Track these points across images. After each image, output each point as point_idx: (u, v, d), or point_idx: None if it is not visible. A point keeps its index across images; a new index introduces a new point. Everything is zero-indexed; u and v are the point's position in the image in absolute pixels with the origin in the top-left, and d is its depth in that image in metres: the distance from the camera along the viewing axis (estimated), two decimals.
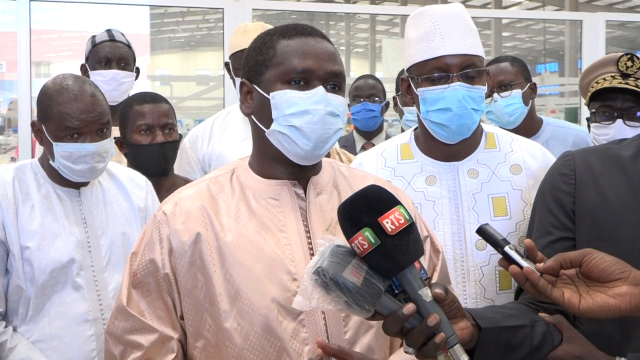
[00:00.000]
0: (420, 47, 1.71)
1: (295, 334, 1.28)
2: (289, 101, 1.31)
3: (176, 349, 1.33)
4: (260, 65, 1.35)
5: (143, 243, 1.37)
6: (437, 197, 1.77)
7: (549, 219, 1.40)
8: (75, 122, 1.94)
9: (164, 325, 1.33)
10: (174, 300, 1.34)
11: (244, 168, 1.41)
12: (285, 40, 1.34)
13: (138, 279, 1.35)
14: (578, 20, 5.12)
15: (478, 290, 1.72)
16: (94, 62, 2.95)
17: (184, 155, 2.81)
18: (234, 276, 1.29)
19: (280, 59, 1.32)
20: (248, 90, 1.38)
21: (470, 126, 1.73)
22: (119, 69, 2.94)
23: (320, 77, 1.32)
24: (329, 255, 1.07)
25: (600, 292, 1.11)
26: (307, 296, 1.07)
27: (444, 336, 1.08)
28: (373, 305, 1.08)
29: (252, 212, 1.34)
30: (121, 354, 1.34)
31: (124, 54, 2.97)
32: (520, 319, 1.26)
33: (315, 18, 19.45)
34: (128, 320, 1.34)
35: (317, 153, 1.34)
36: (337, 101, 1.34)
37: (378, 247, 1.06)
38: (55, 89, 1.97)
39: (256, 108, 1.37)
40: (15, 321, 1.96)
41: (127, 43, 3.01)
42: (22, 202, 1.97)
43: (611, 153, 1.40)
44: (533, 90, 2.86)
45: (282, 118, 1.32)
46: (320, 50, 1.33)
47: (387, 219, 1.06)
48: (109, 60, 2.93)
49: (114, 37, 2.97)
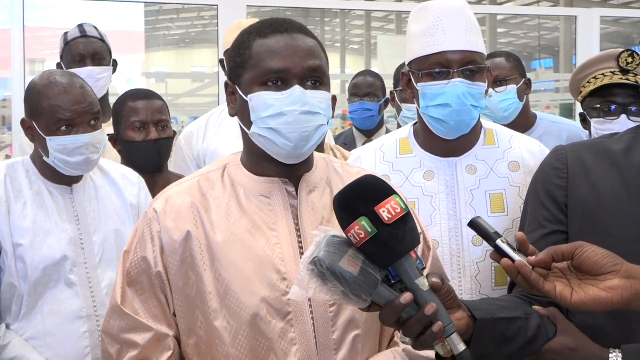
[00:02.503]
0: (422, 42, 1.71)
1: (283, 334, 1.28)
2: (265, 103, 1.30)
3: (172, 346, 1.32)
4: (238, 66, 1.34)
5: (135, 241, 1.36)
6: (435, 192, 1.77)
7: (542, 212, 1.41)
8: (67, 114, 1.94)
9: (159, 324, 1.32)
10: (167, 298, 1.33)
11: (236, 164, 1.40)
12: (261, 39, 1.32)
13: (132, 278, 1.34)
14: (573, 16, 5.13)
15: (474, 286, 1.72)
16: (68, 60, 2.89)
17: (179, 152, 2.81)
18: (224, 275, 1.29)
19: (256, 61, 1.31)
20: (232, 91, 1.38)
21: (469, 122, 1.73)
22: (94, 64, 2.86)
23: (297, 75, 1.29)
24: (325, 246, 1.07)
25: (592, 286, 1.11)
26: (304, 287, 1.07)
27: (442, 325, 1.08)
28: (370, 295, 1.07)
29: (242, 210, 1.33)
30: (118, 353, 1.34)
31: (98, 49, 2.89)
32: (515, 311, 1.26)
33: (310, 15, 19.42)
34: (123, 320, 1.33)
35: (300, 152, 1.32)
36: (317, 98, 1.31)
37: (375, 237, 1.05)
38: (44, 84, 1.97)
39: (239, 109, 1.36)
40: (9, 319, 1.95)
41: (100, 37, 2.93)
42: (15, 199, 1.96)
43: (603, 147, 1.40)
44: (528, 86, 2.86)
45: (259, 121, 1.31)
46: (296, 47, 1.30)
47: (384, 208, 1.06)
48: (83, 57, 2.86)
49: (86, 33, 2.89)
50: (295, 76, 1.30)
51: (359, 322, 1.32)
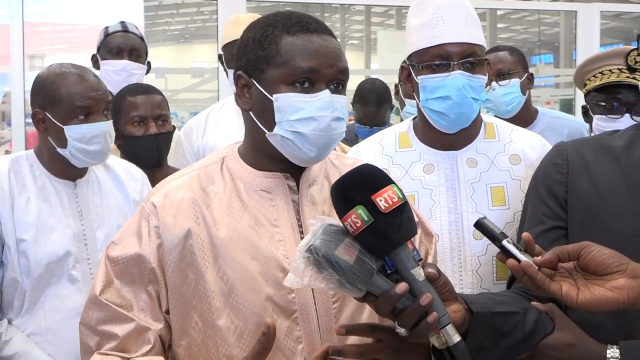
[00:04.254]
0: (422, 35, 1.71)
1: (289, 332, 1.26)
2: (293, 106, 1.25)
3: (153, 340, 1.27)
4: (261, 61, 1.27)
5: (127, 234, 1.32)
6: (435, 185, 1.76)
7: (542, 208, 1.40)
8: (86, 101, 1.95)
9: (144, 316, 1.29)
10: (160, 295, 1.29)
11: (234, 157, 1.36)
12: (290, 37, 1.26)
13: (120, 269, 1.30)
14: (573, 11, 5.12)
15: (475, 279, 1.72)
16: (105, 51, 2.92)
17: (179, 148, 2.81)
18: (228, 273, 1.26)
19: (285, 58, 1.25)
20: (246, 84, 1.31)
21: (470, 115, 1.73)
22: (131, 60, 2.91)
23: (326, 77, 1.26)
24: (321, 234, 1.07)
25: (598, 285, 1.11)
26: (299, 274, 1.07)
27: (437, 316, 1.08)
28: (365, 284, 1.07)
29: (244, 205, 1.31)
30: (97, 344, 1.31)
31: (136, 45, 2.94)
32: (513, 305, 1.26)
33: (310, 10, 19.35)
34: (102, 310, 1.30)
35: (320, 158, 1.30)
36: (341, 103, 1.28)
37: (371, 225, 1.05)
38: (57, 74, 1.98)
39: (256, 106, 1.30)
40: (10, 314, 1.95)
41: (140, 35, 2.98)
42: (18, 194, 1.96)
43: (603, 144, 1.40)
44: (530, 81, 2.88)
45: (286, 123, 1.26)
46: (327, 49, 1.27)
47: (381, 196, 1.06)
48: (121, 50, 2.90)
49: (127, 28, 2.94)
50: (324, 78, 1.26)
51: (362, 317, 1.31)
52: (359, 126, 3.61)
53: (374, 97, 3.56)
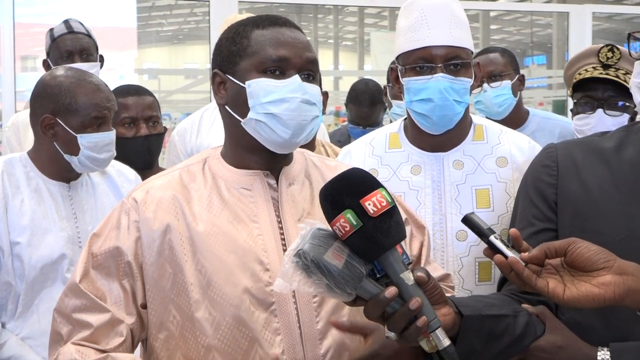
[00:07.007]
0: (407, 37, 1.73)
1: (267, 324, 1.28)
2: (265, 89, 1.31)
3: (125, 333, 1.30)
4: (234, 55, 1.35)
5: (108, 227, 1.35)
6: (421, 186, 1.78)
7: (532, 210, 1.41)
8: (102, 112, 1.97)
9: (117, 309, 1.30)
10: (134, 289, 1.32)
11: (216, 158, 1.41)
12: (259, 30, 1.34)
13: (98, 261, 1.32)
14: (565, 13, 5.14)
15: (457, 280, 1.73)
16: (55, 57, 2.88)
17: (172, 148, 2.80)
18: (206, 266, 1.29)
19: (255, 48, 1.33)
20: (221, 80, 1.37)
21: (453, 117, 1.74)
22: (82, 61, 2.86)
23: (295, 65, 1.33)
24: (310, 238, 1.07)
25: (584, 282, 1.11)
26: (288, 279, 1.07)
27: (426, 320, 1.08)
28: (355, 288, 1.07)
29: (224, 202, 1.34)
30: (68, 333, 1.31)
31: (85, 44, 2.89)
32: (503, 308, 1.26)
33: (303, 11, 19.38)
34: (79, 299, 1.31)
35: (295, 141, 1.34)
36: (312, 90, 1.34)
37: (360, 229, 1.05)
38: (72, 82, 1.97)
39: (230, 98, 1.36)
40: (4, 317, 1.94)
41: (87, 33, 2.93)
42: (12, 196, 1.94)
43: (593, 145, 1.41)
44: (521, 82, 2.89)
45: (259, 106, 1.31)
46: (295, 39, 1.34)
47: (369, 200, 1.06)
48: (71, 53, 2.86)
49: (73, 29, 2.90)
50: (294, 66, 1.33)
51: (343, 311, 1.32)
52: (352, 127, 3.62)
53: (367, 98, 3.57)
